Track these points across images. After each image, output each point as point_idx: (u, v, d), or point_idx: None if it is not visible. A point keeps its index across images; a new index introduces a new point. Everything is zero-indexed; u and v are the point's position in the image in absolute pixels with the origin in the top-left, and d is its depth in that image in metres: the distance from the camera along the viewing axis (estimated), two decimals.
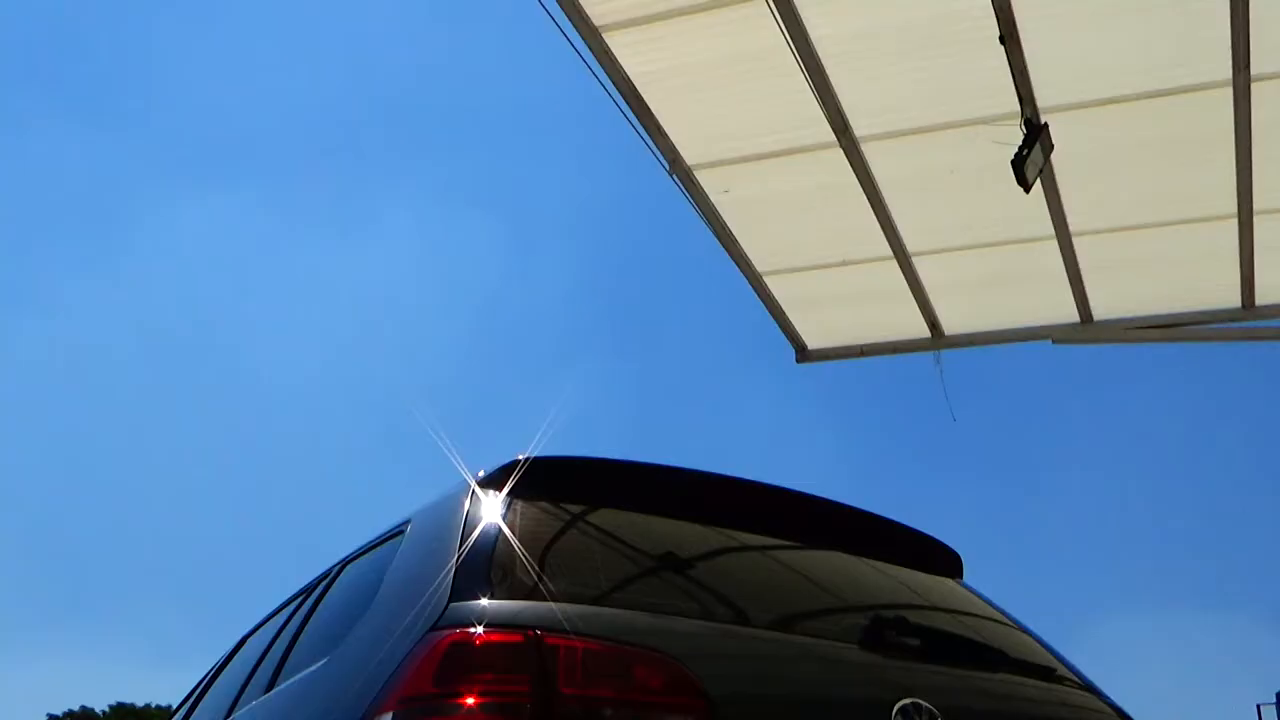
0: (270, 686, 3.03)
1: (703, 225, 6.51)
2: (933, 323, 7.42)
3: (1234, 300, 6.96)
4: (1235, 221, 6.30)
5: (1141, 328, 7.25)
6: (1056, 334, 7.38)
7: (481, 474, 2.65)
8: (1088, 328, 7.27)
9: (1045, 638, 2.92)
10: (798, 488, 2.92)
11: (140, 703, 69.33)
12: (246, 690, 3.28)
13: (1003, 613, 2.97)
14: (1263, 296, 6.88)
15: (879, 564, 2.89)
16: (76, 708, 68.59)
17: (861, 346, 7.76)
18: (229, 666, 3.95)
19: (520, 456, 2.63)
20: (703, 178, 6.23)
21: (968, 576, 3.16)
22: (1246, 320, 7.07)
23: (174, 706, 4.61)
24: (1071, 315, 7.24)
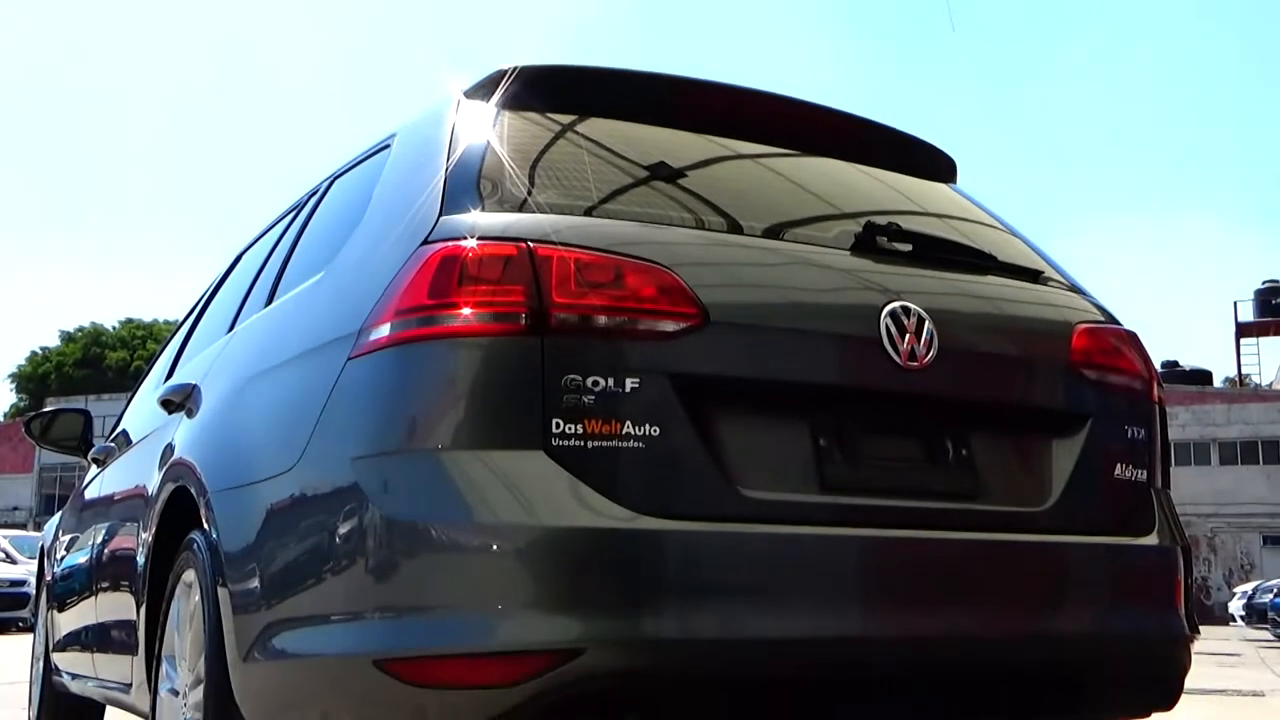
0: (269, 300, 3.08)
1: None
2: None
3: None
4: None
5: None
6: None
7: (467, 85, 2.58)
8: None
9: (1034, 241, 2.94)
10: (792, 94, 2.85)
11: (148, 318, 71.56)
12: (246, 305, 3.33)
13: (994, 217, 2.97)
14: None
15: (872, 169, 2.87)
16: (88, 324, 70.96)
17: None
18: (228, 282, 4.00)
19: (507, 66, 2.55)
20: None
21: (961, 182, 3.14)
22: None
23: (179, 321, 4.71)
24: None
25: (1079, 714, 2.59)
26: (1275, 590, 20.71)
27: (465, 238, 2.11)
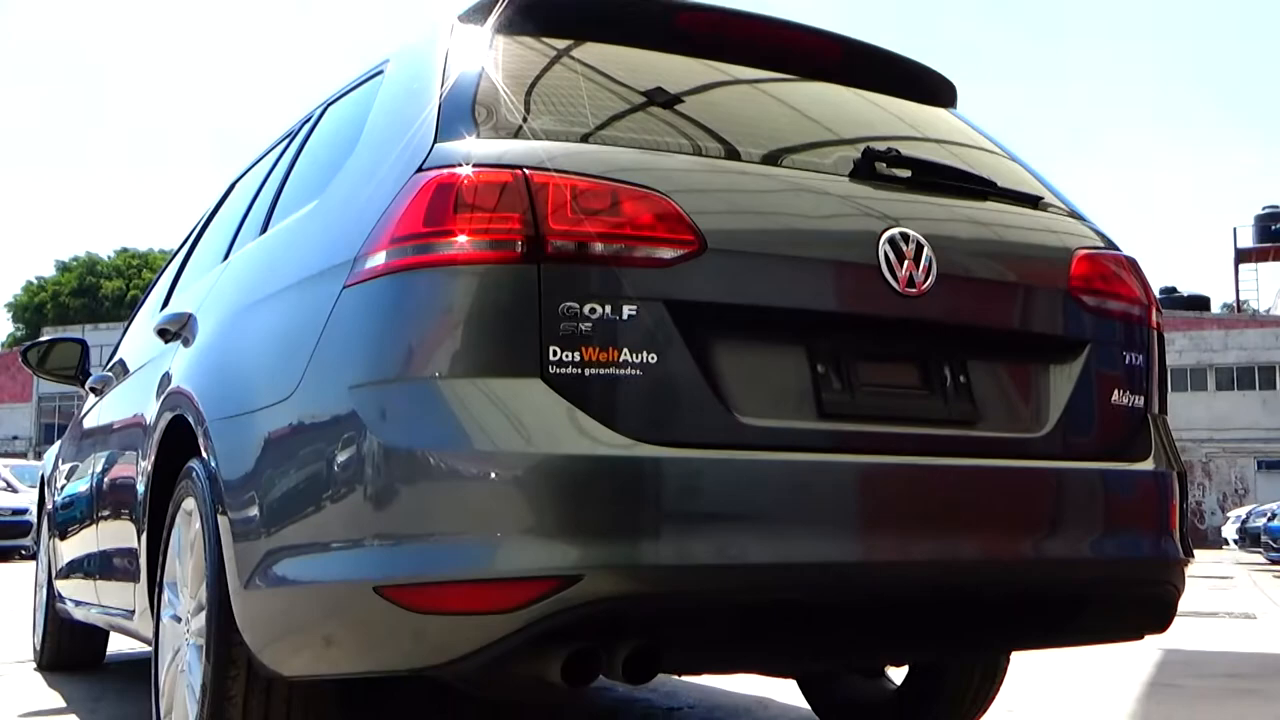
0: (264, 229, 3.06)
1: None
2: None
3: None
4: None
5: None
6: None
7: (462, 9, 2.54)
8: None
9: (1034, 166, 2.91)
10: (792, 18, 2.81)
11: (143, 248, 71.48)
12: (241, 233, 3.32)
13: (994, 142, 2.95)
14: None
15: (871, 94, 2.84)
16: (83, 254, 70.85)
17: None
18: (222, 210, 3.98)
19: None
20: None
21: (961, 107, 3.11)
22: None
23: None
24: None
25: (1074, 637, 2.62)
26: (1269, 514, 20.87)
27: (460, 165, 2.09)
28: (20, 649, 5.82)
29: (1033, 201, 2.69)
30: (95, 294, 67.34)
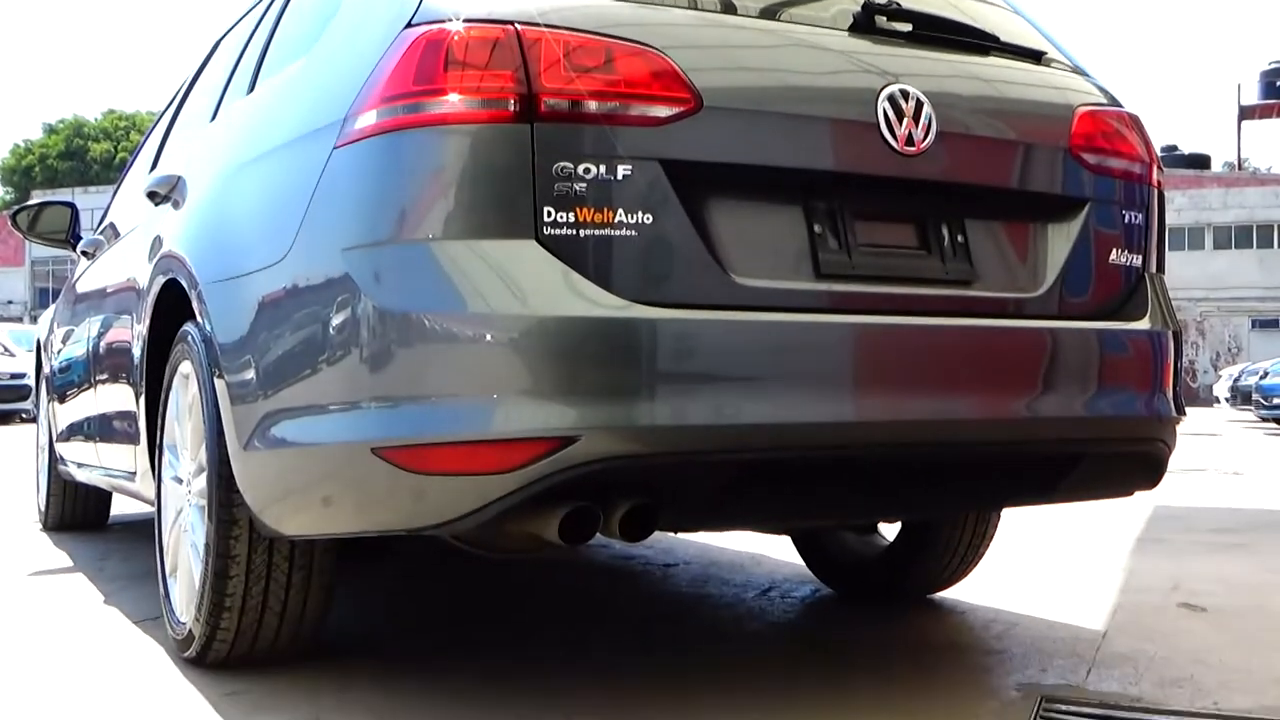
0: (251, 88, 3.01)
1: None
2: None
3: None
4: None
5: None
6: None
7: None
8: None
9: (1037, 20, 2.85)
10: None
11: (131, 109, 70.46)
12: (228, 92, 3.26)
13: None
14: None
15: None
16: (70, 116, 69.84)
17: None
18: (208, 69, 3.90)
19: None
20: None
21: None
22: None
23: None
24: None
25: (1066, 493, 2.65)
26: (1260, 373, 21.01)
27: (450, 20, 2.04)
28: (26, 511, 5.90)
29: (1035, 57, 2.64)
30: (83, 157, 66.61)
